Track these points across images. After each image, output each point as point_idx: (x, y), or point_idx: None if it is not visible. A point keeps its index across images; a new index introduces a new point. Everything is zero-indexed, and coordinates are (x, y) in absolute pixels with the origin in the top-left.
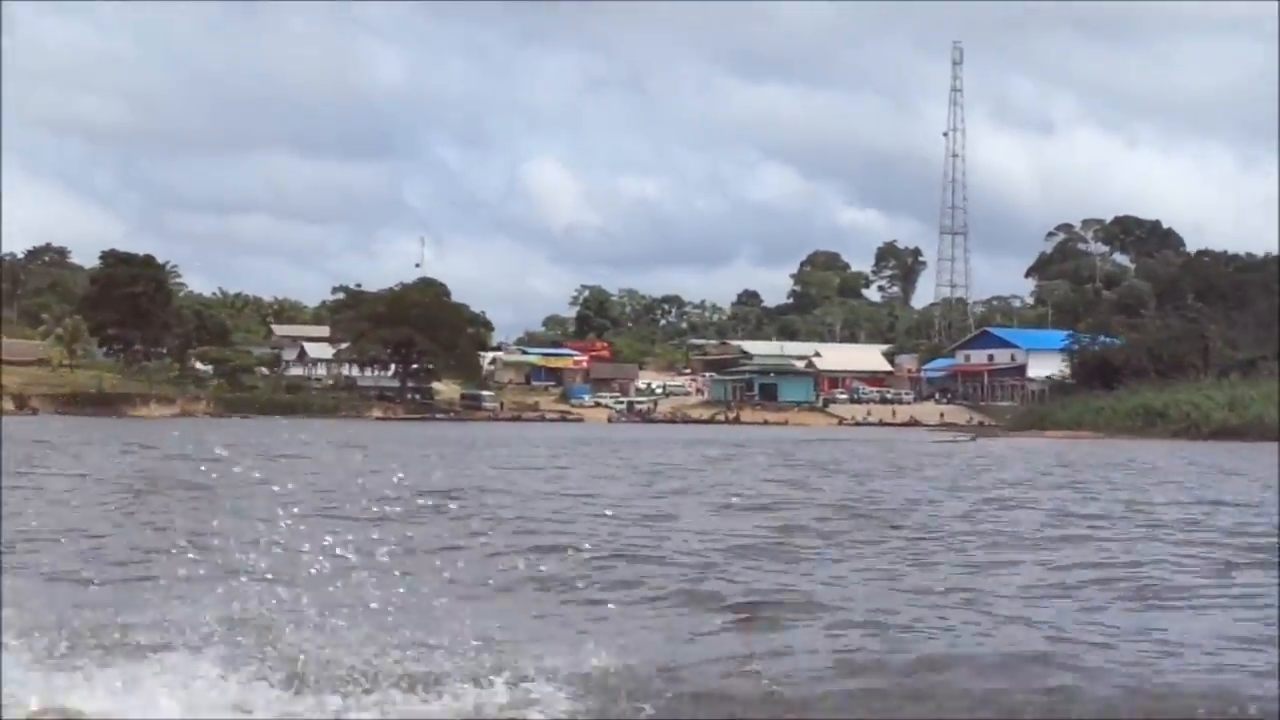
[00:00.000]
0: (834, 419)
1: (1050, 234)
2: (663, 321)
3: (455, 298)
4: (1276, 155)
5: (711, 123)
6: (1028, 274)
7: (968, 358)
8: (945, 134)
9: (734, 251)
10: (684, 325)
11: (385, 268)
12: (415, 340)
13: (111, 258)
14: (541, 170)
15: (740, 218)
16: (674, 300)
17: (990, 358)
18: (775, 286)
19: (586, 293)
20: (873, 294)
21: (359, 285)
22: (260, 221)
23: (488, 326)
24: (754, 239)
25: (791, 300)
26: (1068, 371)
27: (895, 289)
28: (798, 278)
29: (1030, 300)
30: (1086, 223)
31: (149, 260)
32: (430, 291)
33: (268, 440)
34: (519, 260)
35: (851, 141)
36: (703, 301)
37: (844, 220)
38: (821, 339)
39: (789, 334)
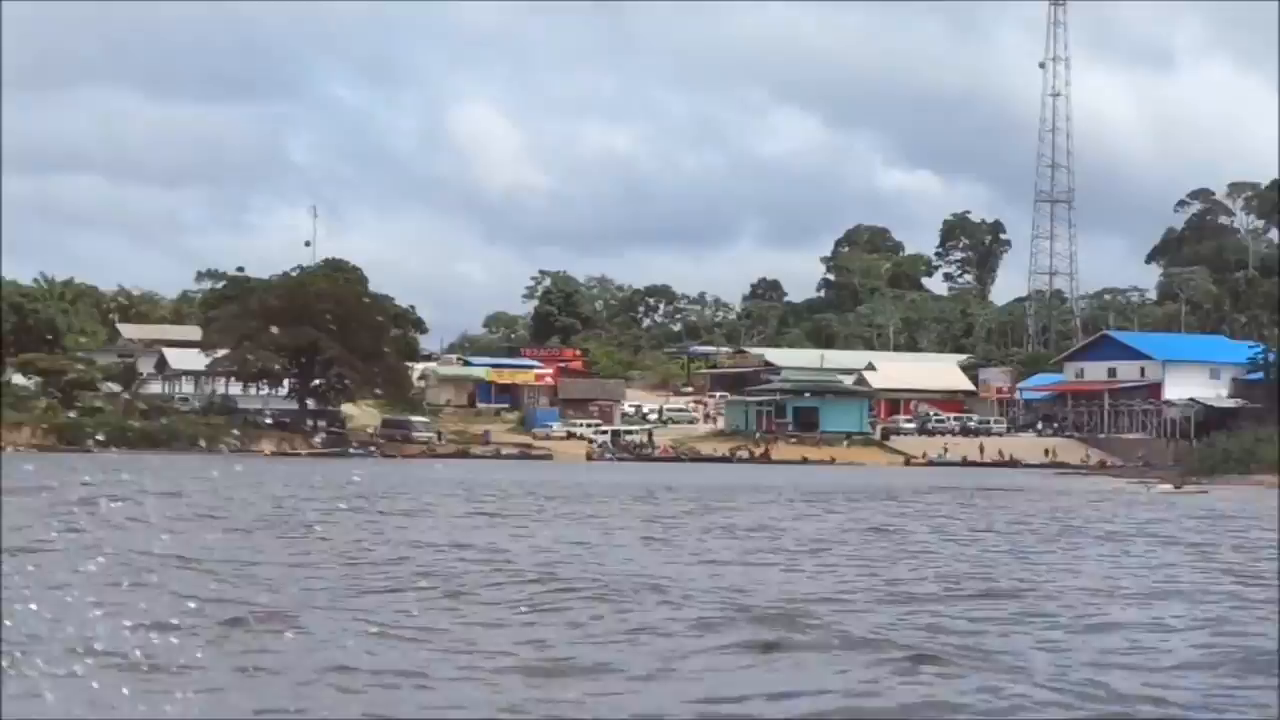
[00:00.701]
0: (898, 456)
1: (1182, 203)
2: (646, 322)
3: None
4: None
5: (703, 52)
6: (1149, 258)
7: (1080, 373)
8: (1041, 64)
9: (736, 226)
10: (677, 327)
11: (262, 247)
12: (321, 346)
13: None
14: (472, 115)
15: (744, 180)
16: (662, 292)
17: (1111, 372)
18: (799, 274)
19: (547, 281)
20: (936, 284)
21: (241, 269)
22: (89, 183)
23: (419, 327)
24: (763, 209)
25: (824, 293)
26: (1223, 392)
27: (968, 278)
28: (832, 262)
29: (1153, 294)
30: (1235, 188)
31: None
32: (340, 279)
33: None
34: (443, 237)
35: (895, 78)
36: (702, 294)
37: (886, 184)
38: (868, 345)
39: (824, 339)
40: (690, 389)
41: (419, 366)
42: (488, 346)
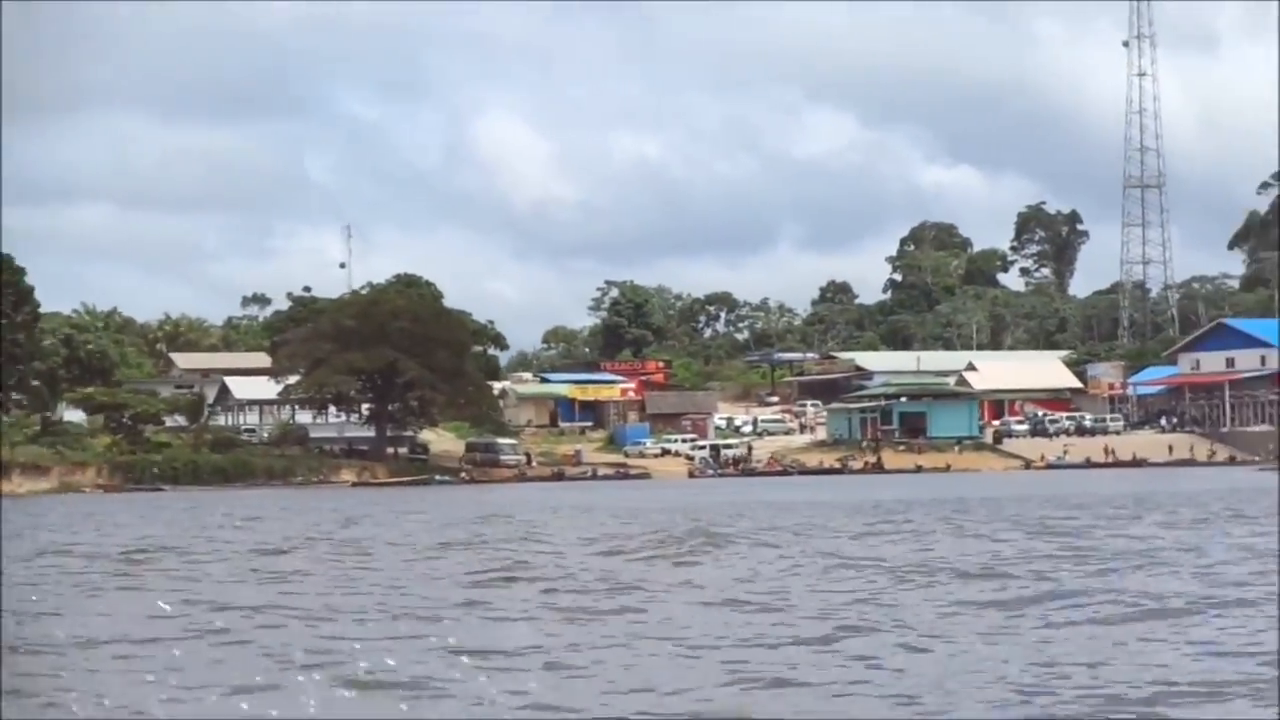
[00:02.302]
0: (1014, 460)
1: (1265, 185)
2: (708, 331)
3: None
4: None
5: (733, 53)
6: (1232, 244)
7: (1196, 364)
8: (1125, 43)
9: (776, 230)
10: (741, 335)
11: (289, 271)
12: (400, 367)
13: None
14: (496, 127)
15: (781, 182)
16: (723, 300)
17: (1230, 362)
18: (846, 275)
19: (614, 292)
20: (1011, 280)
21: (307, 290)
22: (101, 213)
23: (499, 343)
24: (803, 212)
25: (890, 294)
26: None
27: (1045, 272)
28: (900, 262)
29: (1234, 282)
30: None
31: (3, 261)
32: (416, 294)
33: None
34: (472, 254)
35: (930, 73)
36: (765, 300)
37: (927, 181)
38: (948, 346)
39: (901, 341)
40: (775, 398)
41: (496, 386)
42: (548, 363)
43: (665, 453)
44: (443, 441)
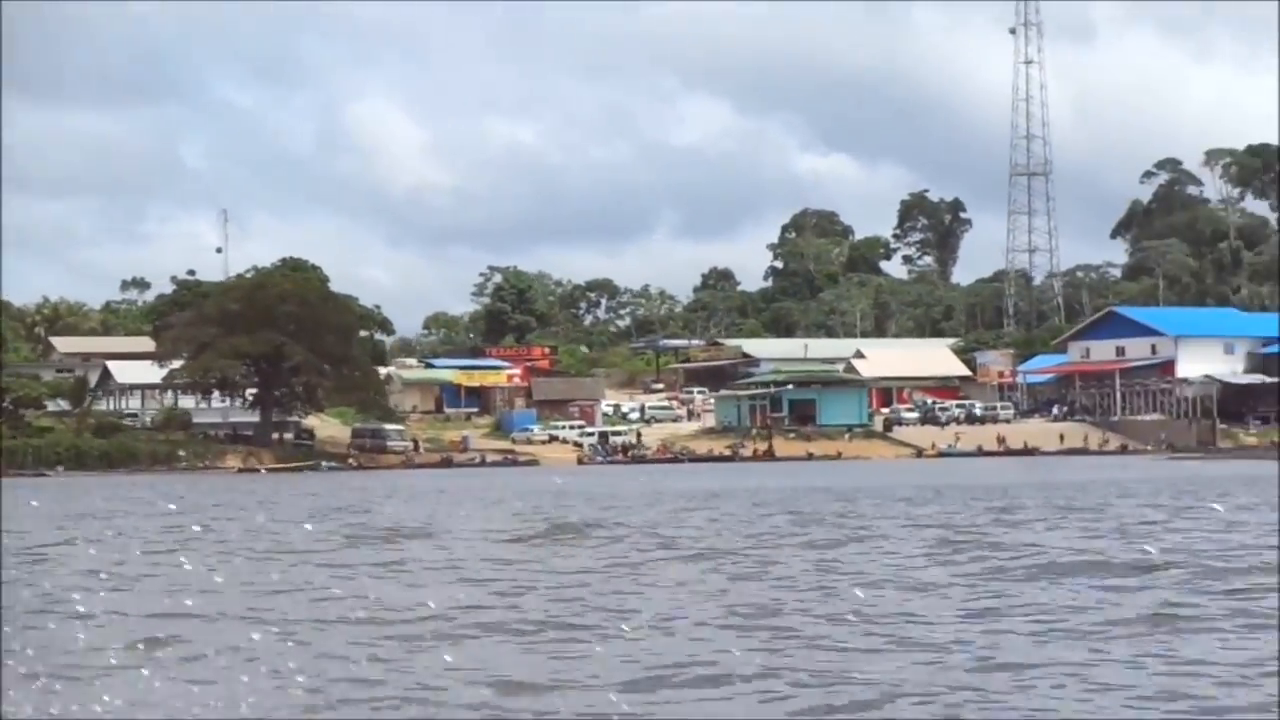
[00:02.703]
0: (905, 448)
1: (1149, 174)
2: (589, 318)
3: None
4: None
5: (608, 41)
6: (1115, 233)
7: (1086, 352)
8: (1011, 30)
9: (653, 218)
10: (623, 321)
11: (164, 256)
12: (286, 351)
13: None
14: (371, 114)
15: (658, 170)
16: (604, 286)
17: (1120, 351)
18: (725, 262)
19: (497, 277)
20: (893, 268)
21: (192, 273)
22: None
23: (385, 328)
24: (678, 200)
25: (771, 281)
26: (1239, 367)
27: (928, 260)
28: (781, 249)
29: (1117, 271)
30: (1212, 154)
31: None
32: (303, 279)
33: None
34: (345, 240)
35: (805, 62)
36: (645, 287)
37: (803, 169)
38: (831, 333)
39: (784, 329)
40: (661, 385)
41: (382, 371)
42: (430, 348)
43: (553, 439)
44: (327, 427)
